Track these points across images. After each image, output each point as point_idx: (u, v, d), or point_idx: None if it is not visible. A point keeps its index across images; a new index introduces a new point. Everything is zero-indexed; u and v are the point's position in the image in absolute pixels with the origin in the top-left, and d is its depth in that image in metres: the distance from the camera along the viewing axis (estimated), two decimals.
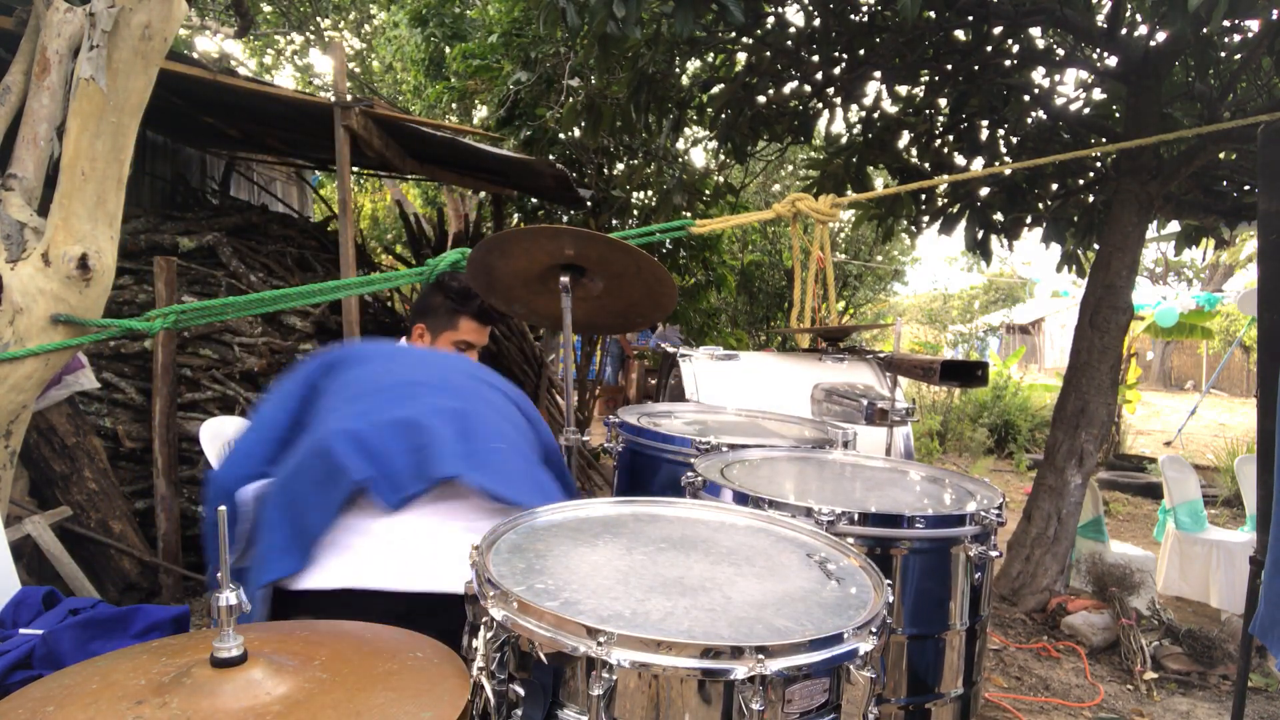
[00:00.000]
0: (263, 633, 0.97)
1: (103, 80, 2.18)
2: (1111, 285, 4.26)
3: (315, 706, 0.80)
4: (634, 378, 9.86)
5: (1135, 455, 9.50)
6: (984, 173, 4.71)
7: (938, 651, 1.65)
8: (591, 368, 7.70)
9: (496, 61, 6.27)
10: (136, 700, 0.80)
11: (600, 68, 4.65)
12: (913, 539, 1.58)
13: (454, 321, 2.34)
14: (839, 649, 1.02)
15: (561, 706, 1.03)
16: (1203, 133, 3.81)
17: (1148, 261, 18.84)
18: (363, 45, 11.75)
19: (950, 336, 19.00)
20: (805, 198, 3.79)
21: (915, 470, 2.12)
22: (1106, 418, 4.40)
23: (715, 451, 2.05)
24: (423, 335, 2.37)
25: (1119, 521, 7.01)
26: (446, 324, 2.34)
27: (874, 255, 12.79)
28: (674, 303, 2.37)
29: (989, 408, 10.36)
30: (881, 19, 4.41)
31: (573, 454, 2.34)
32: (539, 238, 2.16)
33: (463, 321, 2.34)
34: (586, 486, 5.50)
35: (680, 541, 1.40)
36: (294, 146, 5.54)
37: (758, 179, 10.04)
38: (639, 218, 6.58)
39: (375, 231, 11.83)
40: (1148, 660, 3.68)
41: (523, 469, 1.75)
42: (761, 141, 5.79)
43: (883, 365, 3.33)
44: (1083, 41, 4.51)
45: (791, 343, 5.55)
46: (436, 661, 0.93)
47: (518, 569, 1.22)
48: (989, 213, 5.05)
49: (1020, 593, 4.33)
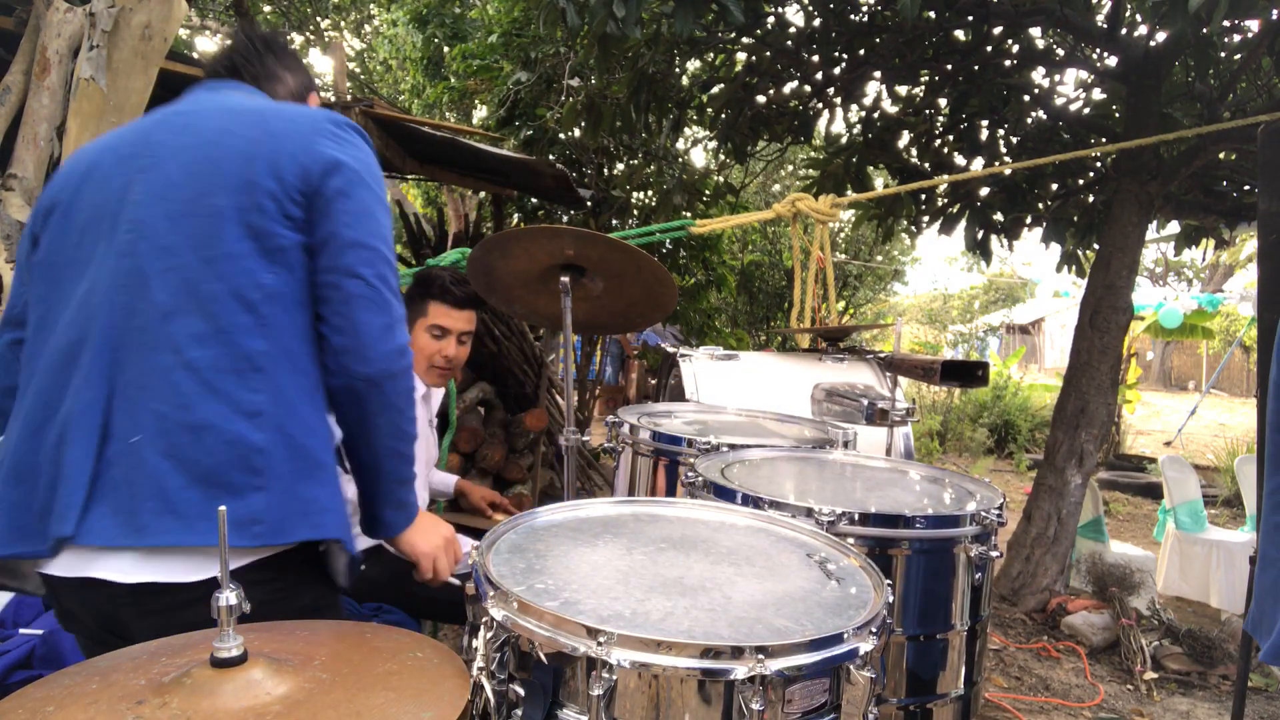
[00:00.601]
0: (263, 633, 0.97)
1: (103, 80, 2.18)
2: (1111, 285, 4.26)
3: (315, 706, 0.80)
4: (634, 378, 9.86)
5: (1135, 455, 9.50)
6: (984, 173, 4.71)
7: (938, 652, 1.65)
8: (591, 368, 7.70)
9: (496, 61, 6.27)
10: (136, 700, 0.80)
11: (600, 68, 4.65)
12: (913, 539, 1.58)
13: (423, 307, 2.32)
14: (839, 649, 1.02)
15: (561, 706, 1.03)
16: (1203, 133, 3.81)
17: (1148, 261, 18.85)
18: (363, 45, 11.75)
19: (950, 336, 19.03)
20: (805, 198, 3.79)
21: (915, 470, 2.12)
22: (1106, 418, 4.40)
23: (715, 451, 2.05)
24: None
25: (1119, 521, 7.01)
26: (416, 311, 2.32)
27: (874, 255, 12.80)
28: (674, 303, 2.37)
29: (989, 408, 10.37)
30: (881, 19, 4.41)
31: (573, 454, 2.35)
32: (539, 238, 2.16)
33: (431, 306, 2.31)
34: (586, 486, 5.50)
35: (680, 541, 1.40)
36: None
37: (758, 179, 10.05)
38: (639, 218, 6.58)
39: None
40: (1148, 660, 3.68)
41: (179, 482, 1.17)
42: (761, 141, 5.79)
43: (883, 365, 3.33)
44: (1083, 41, 4.51)
45: (791, 343, 5.55)
46: (436, 661, 0.93)
47: (518, 569, 1.22)
48: (989, 213, 5.05)
49: (1020, 593, 4.33)
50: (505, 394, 4.92)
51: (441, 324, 2.31)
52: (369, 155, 1.37)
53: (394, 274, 1.32)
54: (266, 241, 1.25)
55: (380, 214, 1.33)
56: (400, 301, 1.34)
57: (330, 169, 1.29)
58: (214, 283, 1.22)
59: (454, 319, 2.33)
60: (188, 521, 1.15)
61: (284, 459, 1.21)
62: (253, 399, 1.20)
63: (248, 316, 1.22)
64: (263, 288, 1.24)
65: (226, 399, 1.19)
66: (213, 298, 1.22)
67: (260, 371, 1.21)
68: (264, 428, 1.20)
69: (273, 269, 1.25)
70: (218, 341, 1.21)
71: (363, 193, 1.31)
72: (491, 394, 4.77)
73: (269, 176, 1.26)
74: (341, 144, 1.33)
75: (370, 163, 1.36)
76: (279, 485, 1.20)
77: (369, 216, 1.30)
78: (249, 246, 1.24)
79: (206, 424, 1.18)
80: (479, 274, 2.34)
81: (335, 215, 1.28)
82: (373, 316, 1.28)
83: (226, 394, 1.19)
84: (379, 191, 1.35)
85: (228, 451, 1.18)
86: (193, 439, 1.17)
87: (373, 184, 1.34)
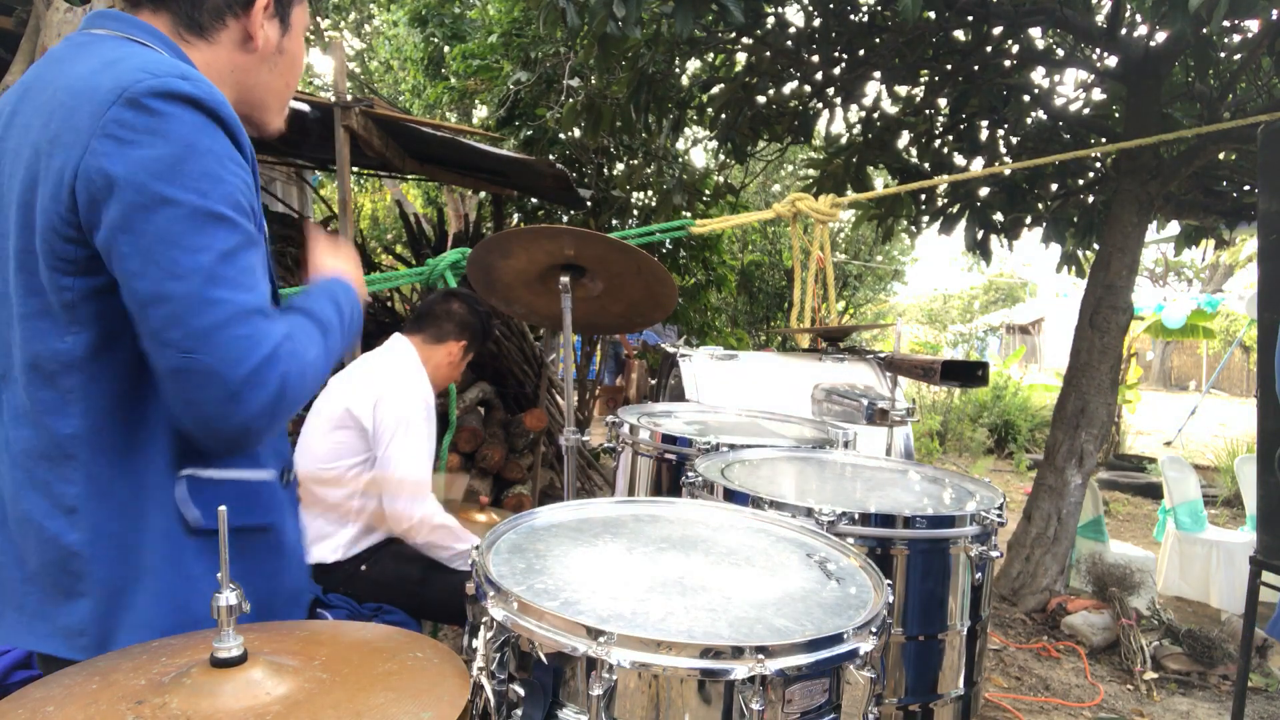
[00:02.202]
0: (263, 633, 0.97)
1: None
2: (1111, 285, 4.26)
3: (315, 706, 0.80)
4: (634, 378, 9.85)
5: (1135, 455, 9.50)
6: (984, 173, 4.71)
7: (938, 652, 1.65)
8: (591, 368, 7.70)
9: (496, 61, 6.27)
10: (136, 700, 0.80)
11: (600, 68, 4.65)
12: (913, 539, 1.58)
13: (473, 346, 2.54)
14: (839, 649, 1.02)
15: (561, 706, 1.03)
16: (1203, 133, 3.81)
17: (1148, 262, 18.85)
18: (363, 45, 11.76)
19: (950, 336, 19.03)
20: (805, 198, 3.79)
21: (915, 470, 2.12)
22: (1106, 418, 4.40)
23: (715, 451, 2.05)
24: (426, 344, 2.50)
25: (1119, 521, 7.01)
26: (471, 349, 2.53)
27: (874, 255, 12.80)
28: (674, 303, 2.37)
29: (989, 408, 10.37)
30: (881, 19, 4.41)
31: (573, 454, 2.35)
32: (539, 238, 2.16)
33: (476, 348, 2.54)
34: (587, 486, 5.50)
35: (680, 541, 1.40)
36: (294, 146, 5.54)
37: (758, 179, 10.05)
38: (639, 218, 6.58)
39: (375, 231, 11.83)
40: (1148, 660, 3.68)
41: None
42: (761, 141, 5.79)
43: (883, 365, 3.33)
44: (1083, 41, 4.51)
45: (791, 343, 5.55)
46: (436, 661, 0.93)
47: (518, 569, 1.22)
48: (989, 213, 5.05)
49: (1020, 593, 4.33)
50: (505, 394, 4.92)
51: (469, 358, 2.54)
52: (172, 144, 0.92)
53: (221, 312, 0.93)
54: (54, 296, 0.95)
55: (191, 232, 0.92)
56: (253, 343, 0.95)
57: (103, 192, 0.91)
58: (15, 350, 0.99)
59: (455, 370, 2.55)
60: (27, 620, 1.01)
61: (105, 562, 1.00)
62: (66, 491, 0.98)
63: (49, 392, 0.98)
64: (59, 356, 0.97)
65: (44, 490, 0.99)
66: (21, 367, 0.99)
67: (72, 459, 0.98)
68: (79, 526, 0.99)
69: (70, 330, 0.96)
70: (29, 422, 0.99)
71: (150, 220, 0.91)
72: (491, 394, 4.77)
73: (49, 205, 0.94)
74: (123, 144, 0.91)
75: (174, 153, 0.92)
76: (101, 592, 1.00)
77: (162, 250, 0.91)
78: (36, 304, 0.97)
79: (28, 518, 1.00)
80: (479, 274, 2.34)
81: (118, 260, 0.92)
82: (201, 392, 0.94)
83: (44, 484, 0.99)
84: (188, 195, 0.92)
85: (48, 552, 0.99)
86: (21, 532, 1.01)
87: (172, 191, 0.91)
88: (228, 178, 0.97)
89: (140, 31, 1.03)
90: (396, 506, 2.22)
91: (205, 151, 0.94)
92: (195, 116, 0.94)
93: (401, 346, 2.43)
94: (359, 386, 2.30)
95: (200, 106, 0.95)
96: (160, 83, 0.93)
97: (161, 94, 0.92)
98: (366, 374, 2.35)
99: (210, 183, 0.94)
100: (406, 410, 2.24)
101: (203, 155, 0.94)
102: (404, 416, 2.23)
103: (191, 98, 0.94)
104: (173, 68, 0.96)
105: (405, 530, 2.23)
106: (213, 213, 0.94)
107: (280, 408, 0.98)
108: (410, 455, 2.22)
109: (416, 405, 2.27)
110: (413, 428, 2.23)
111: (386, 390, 2.26)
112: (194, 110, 0.94)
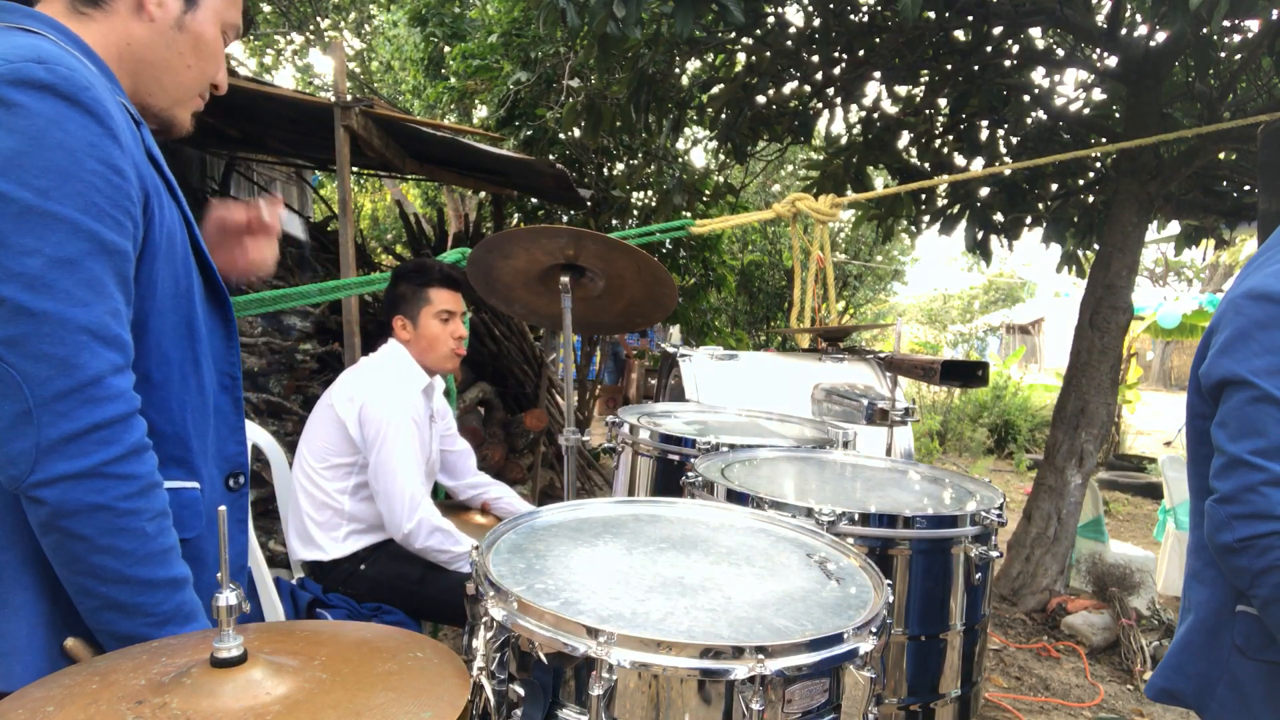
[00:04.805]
0: (263, 633, 0.97)
1: None
2: (1111, 285, 4.26)
3: (315, 706, 0.80)
4: (634, 378, 9.86)
5: (1135, 455, 9.50)
6: (984, 173, 4.71)
7: (938, 651, 1.65)
8: (591, 368, 7.70)
9: (496, 61, 6.27)
10: (136, 700, 0.80)
11: (600, 68, 4.66)
12: (913, 539, 1.58)
13: (424, 295, 2.40)
14: (839, 649, 1.02)
15: (561, 706, 1.03)
16: (1203, 133, 3.81)
17: (1148, 261, 18.84)
18: (363, 45, 11.76)
19: (950, 336, 19.04)
20: (805, 198, 3.80)
21: (915, 470, 2.12)
22: (1106, 418, 4.40)
23: (715, 451, 2.05)
24: (405, 326, 2.42)
25: (1119, 521, 7.01)
26: (419, 302, 2.39)
27: (874, 255, 12.80)
28: (674, 303, 2.37)
29: (989, 408, 10.37)
30: (881, 19, 4.41)
31: (573, 454, 2.35)
32: (539, 238, 2.16)
33: (433, 292, 2.40)
34: (587, 486, 5.50)
35: (680, 541, 1.40)
36: (294, 146, 5.55)
37: (758, 179, 10.05)
38: (639, 218, 6.58)
39: (375, 231, 11.84)
40: (1148, 660, 3.68)
41: None
42: (761, 141, 5.80)
43: (883, 365, 3.33)
44: (1083, 41, 4.51)
45: (791, 343, 5.55)
46: (436, 661, 0.93)
47: (518, 569, 1.22)
48: (989, 213, 5.05)
49: (1020, 593, 4.33)
50: (505, 394, 4.93)
51: (449, 308, 2.41)
52: (16, 137, 0.87)
53: (41, 324, 0.87)
54: None
55: (19, 231, 0.86)
56: (66, 367, 0.89)
57: None
58: None
59: (456, 300, 2.44)
60: None
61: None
62: None
63: None
64: None
65: None
66: None
67: None
68: None
69: None
70: None
71: None
72: (491, 394, 4.77)
73: None
74: None
75: (16, 146, 0.87)
76: None
77: None
78: None
79: None
80: (479, 274, 2.35)
81: None
82: (2, 402, 0.88)
83: None
84: (22, 192, 0.87)
85: None
86: None
87: (6, 186, 0.86)
88: (83, 175, 0.89)
89: (30, 20, 0.97)
90: (391, 514, 2.23)
91: (54, 146, 0.87)
92: (51, 105, 0.88)
93: (389, 349, 2.44)
94: (348, 391, 2.33)
95: (56, 92, 0.88)
96: (11, 69, 0.87)
97: (13, 82, 0.87)
98: (354, 378, 2.38)
99: (55, 180, 0.87)
100: (385, 419, 2.24)
101: (50, 150, 0.87)
102: (382, 427, 2.23)
103: (45, 84, 0.88)
104: (30, 51, 0.89)
105: (402, 537, 2.23)
106: (50, 213, 0.87)
107: (84, 480, 0.89)
108: (395, 463, 2.22)
109: (394, 413, 2.25)
110: (391, 438, 2.22)
111: (367, 399, 2.27)
112: (50, 97, 0.88)
